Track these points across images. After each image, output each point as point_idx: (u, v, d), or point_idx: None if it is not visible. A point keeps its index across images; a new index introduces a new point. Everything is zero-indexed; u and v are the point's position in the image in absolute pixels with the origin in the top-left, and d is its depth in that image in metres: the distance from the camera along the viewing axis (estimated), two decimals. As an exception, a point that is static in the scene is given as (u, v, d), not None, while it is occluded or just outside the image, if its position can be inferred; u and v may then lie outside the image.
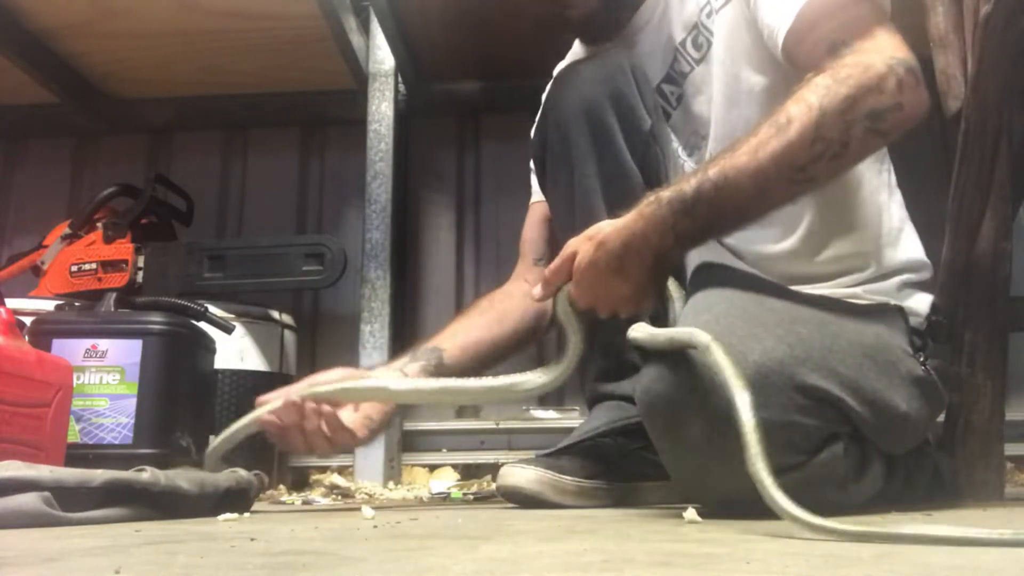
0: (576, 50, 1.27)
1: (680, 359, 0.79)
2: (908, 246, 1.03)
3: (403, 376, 1.07)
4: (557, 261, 0.91)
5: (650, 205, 0.85)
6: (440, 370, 1.10)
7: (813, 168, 0.84)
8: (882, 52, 0.86)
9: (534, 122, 1.33)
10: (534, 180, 1.24)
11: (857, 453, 0.85)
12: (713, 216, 0.84)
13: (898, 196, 1.05)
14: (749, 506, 0.79)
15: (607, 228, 0.87)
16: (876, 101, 0.83)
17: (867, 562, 0.46)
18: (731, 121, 1.01)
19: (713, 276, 0.94)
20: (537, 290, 0.95)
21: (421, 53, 1.97)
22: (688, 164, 1.09)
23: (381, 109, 1.95)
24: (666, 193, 0.85)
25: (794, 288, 0.95)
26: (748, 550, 0.52)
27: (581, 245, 0.88)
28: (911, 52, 0.87)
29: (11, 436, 0.97)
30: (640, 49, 1.10)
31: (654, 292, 0.90)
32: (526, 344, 1.22)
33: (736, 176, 0.83)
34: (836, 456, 0.82)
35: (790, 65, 0.93)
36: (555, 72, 1.30)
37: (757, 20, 0.96)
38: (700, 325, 0.81)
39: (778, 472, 0.79)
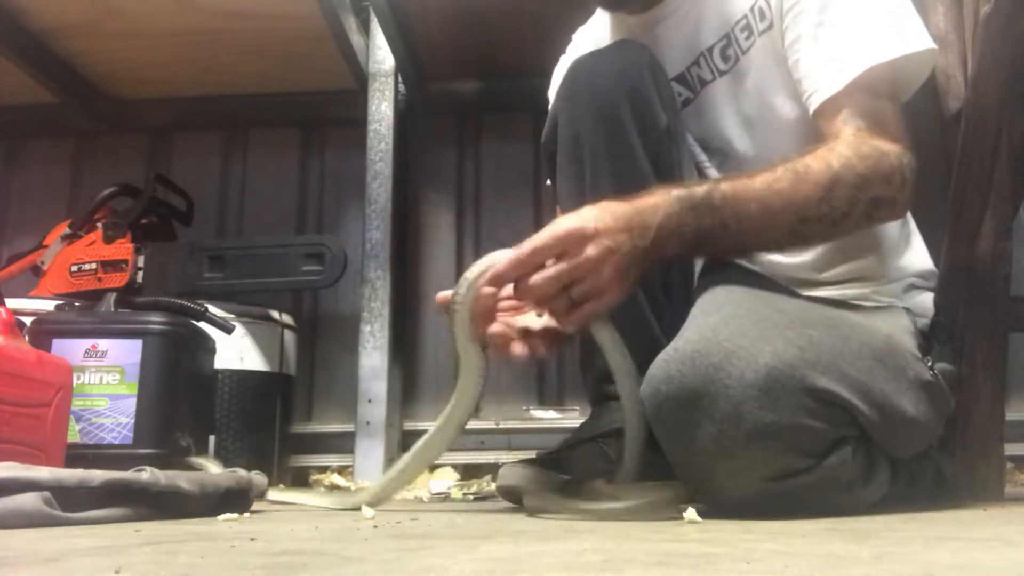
0: (580, 40, 1.26)
1: (688, 361, 0.79)
2: (916, 257, 1.04)
3: None
4: (551, 238, 0.81)
5: (659, 194, 0.85)
6: None
7: (812, 227, 0.87)
8: (896, 145, 0.89)
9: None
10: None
11: (865, 457, 0.85)
12: (714, 225, 0.84)
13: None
14: (756, 507, 0.79)
15: (609, 211, 0.82)
16: (882, 191, 0.88)
17: (867, 562, 0.46)
18: (765, 146, 1.02)
19: (722, 277, 0.94)
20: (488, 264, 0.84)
21: (421, 53, 1.97)
22: (700, 154, 1.08)
23: (381, 109, 1.95)
24: (674, 189, 0.85)
25: (802, 291, 0.95)
26: (748, 550, 0.52)
27: (585, 220, 0.81)
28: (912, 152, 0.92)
29: (11, 436, 0.97)
30: (662, 37, 1.08)
31: (631, 287, 0.85)
32: None
33: (746, 197, 0.84)
34: (845, 460, 0.82)
35: (814, 120, 0.95)
36: (559, 65, 1.29)
37: (790, 60, 0.97)
38: (709, 326, 0.81)
39: (787, 475, 0.79)
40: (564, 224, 0.81)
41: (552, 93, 1.29)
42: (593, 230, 0.80)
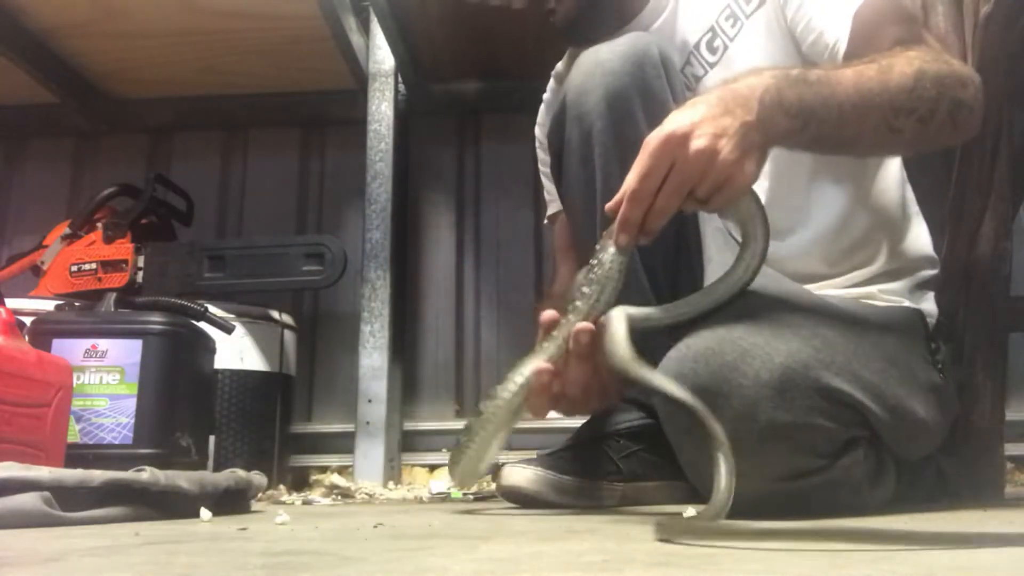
0: (559, 75, 1.26)
1: (701, 359, 0.78)
2: (918, 240, 1.03)
3: None
4: (650, 157, 0.75)
5: (750, 73, 0.79)
6: None
7: (903, 121, 0.82)
8: (955, 58, 0.87)
9: (534, 122, 1.33)
10: (547, 187, 1.21)
11: (874, 458, 0.85)
12: (816, 102, 0.78)
13: (909, 188, 1.05)
14: (766, 507, 0.79)
15: (701, 102, 0.76)
16: (961, 92, 0.84)
17: (867, 562, 0.46)
18: None
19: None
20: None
21: (421, 53, 1.97)
22: None
23: (381, 109, 1.95)
24: (765, 69, 0.80)
25: (811, 290, 0.94)
26: (748, 550, 0.52)
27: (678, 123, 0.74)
28: None
29: (11, 436, 0.97)
30: None
31: (759, 167, 0.78)
32: None
33: (840, 78, 0.80)
34: (856, 461, 0.82)
35: None
36: (543, 105, 1.28)
37: (799, 27, 0.96)
38: (722, 323, 0.80)
39: (799, 475, 0.79)
40: (656, 137, 0.75)
41: (539, 130, 1.28)
42: (689, 125, 0.74)
